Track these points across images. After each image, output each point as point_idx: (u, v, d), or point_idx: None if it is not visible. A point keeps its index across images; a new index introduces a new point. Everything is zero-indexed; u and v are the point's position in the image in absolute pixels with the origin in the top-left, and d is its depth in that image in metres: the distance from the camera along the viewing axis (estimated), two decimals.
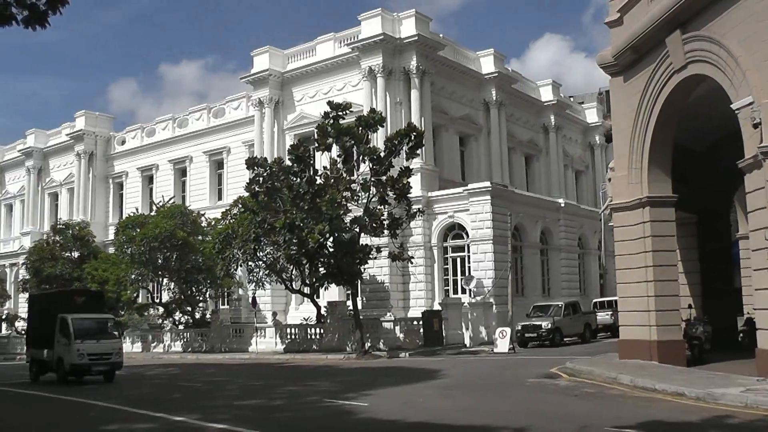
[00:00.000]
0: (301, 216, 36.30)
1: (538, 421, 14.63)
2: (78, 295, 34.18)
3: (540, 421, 14.65)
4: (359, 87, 49.13)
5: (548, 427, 13.93)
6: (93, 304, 32.60)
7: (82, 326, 28.98)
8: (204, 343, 48.02)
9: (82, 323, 29.14)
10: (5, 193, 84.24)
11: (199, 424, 15.81)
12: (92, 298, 34.56)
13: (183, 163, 64.54)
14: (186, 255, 48.43)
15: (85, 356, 28.06)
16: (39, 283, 58.36)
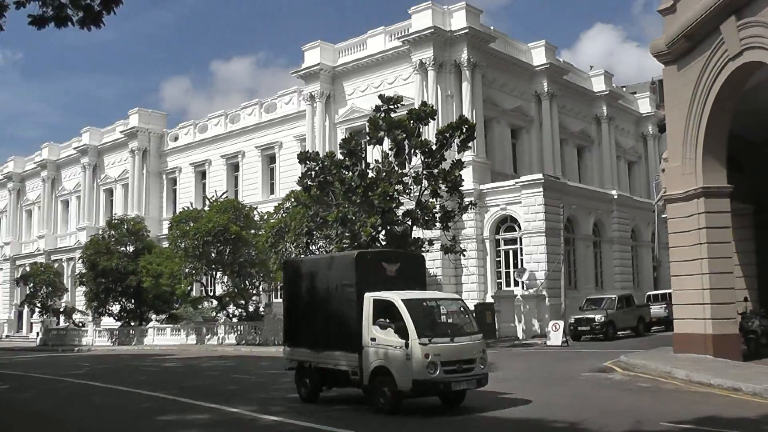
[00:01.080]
0: (354, 209, 36.37)
1: (593, 415, 14.53)
2: (388, 260, 19.17)
3: (594, 415, 14.55)
4: (410, 80, 49.10)
5: (603, 422, 13.80)
6: (411, 274, 19.08)
7: (422, 314, 16.99)
8: (257, 335, 48.34)
9: (421, 309, 17.12)
10: (62, 189, 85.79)
11: (254, 415, 15.96)
12: (409, 264, 19.87)
13: (235, 158, 65.10)
14: (239, 249, 48.80)
15: (438, 367, 15.67)
16: (95, 276, 59.30)
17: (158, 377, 28.71)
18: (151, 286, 54.44)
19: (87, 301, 61.98)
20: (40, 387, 26.97)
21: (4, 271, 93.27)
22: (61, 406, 20.33)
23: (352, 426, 13.94)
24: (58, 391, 25.41)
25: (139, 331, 58.91)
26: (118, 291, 59.81)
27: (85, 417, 17.74)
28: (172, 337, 55.33)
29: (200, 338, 52.67)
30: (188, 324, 55.03)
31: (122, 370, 33.26)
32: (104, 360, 42.46)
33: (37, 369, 36.17)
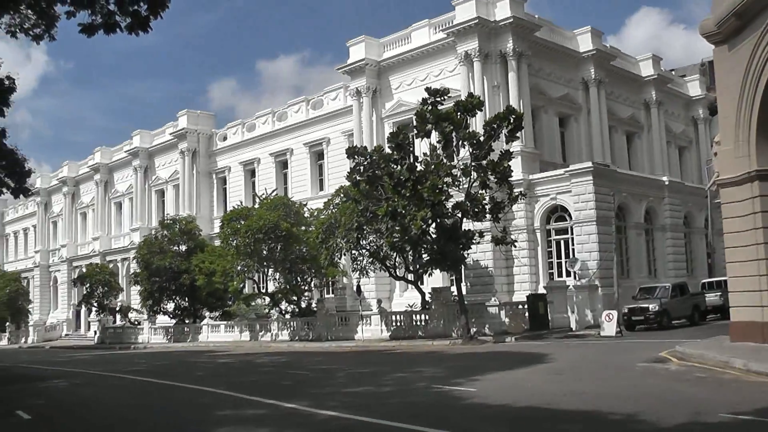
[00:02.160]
0: (403, 203, 36.39)
1: (650, 406, 14.34)
2: None
3: (651, 406, 14.36)
4: (456, 72, 48.94)
5: (660, 414, 13.58)
6: None
7: None
8: (310, 331, 48.59)
9: None
10: (114, 192, 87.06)
11: (310, 411, 16.02)
12: None
13: (284, 155, 65.44)
14: (290, 245, 49.06)
15: None
16: (149, 275, 60.19)
17: (214, 373, 29.02)
18: (204, 284, 55.07)
19: (142, 300, 62.90)
20: (100, 384, 27.47)
21: (61, 273, 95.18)
22: (121, 402, 20.68)
23: (409, 420, 13.94)
24: (117, 387, 25.85)
25: (193, 328, 59.60)
26: (172, 289, 60.65)
27: (145, 412, 18.03)
28: (226, 333, 55.88)
29: (254, 335, 53.07)
30: (242, 321, 55.53)
31: (178, 367, 33.66)
32: (160, 357, 43.02)
33: (97, 366, 36.85)
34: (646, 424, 12.74)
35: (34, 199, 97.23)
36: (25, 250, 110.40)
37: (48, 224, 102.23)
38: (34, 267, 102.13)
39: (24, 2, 20.63)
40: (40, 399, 22.89)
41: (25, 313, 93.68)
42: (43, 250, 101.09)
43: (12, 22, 22.49)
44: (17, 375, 35.17)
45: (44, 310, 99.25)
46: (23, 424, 17.41)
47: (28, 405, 20.12)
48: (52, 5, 20.20)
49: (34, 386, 28.27)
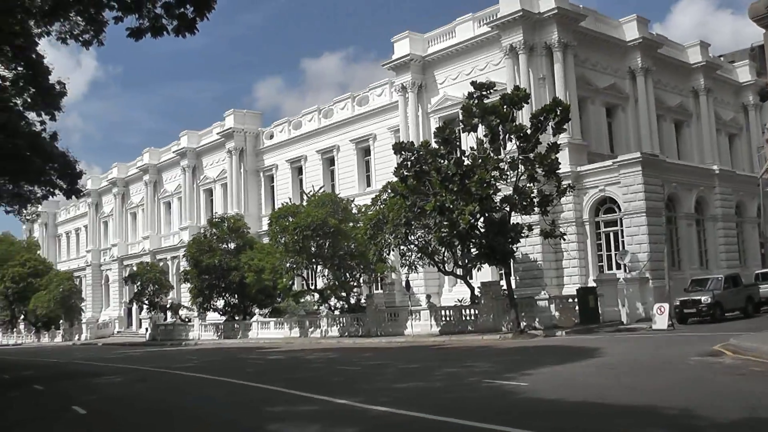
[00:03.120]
0: (451, 198, 36.32)
1: (705, 401, 14.14)
2: None
3: (707, 401, 14.15)
4: (501, 65, 48.67)
5: (716, 408, 13.37)
6: None
7: None
8: (360, 327, 48.72)
9: None
10: (163, 191, 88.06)
11: (361, 406, 16.05)
12: None
13: (330, 152, 65.62)
14: (338, 242, 49.18)
15: None
16: (199, 273, 60.75)
17: (264, 370, 29.19)
18: (253, 281, 55.42)
19: (192, 297, 63.47)
20: (153, 380, 27.84)
21: (112, 271, 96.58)
22: (174, 398, 20.91)
23: (461, 415, 13.91)
24: (169, 383, 26.15)
25: (243, 325, 60.05)
26: (222, 287, 61.13)
27: (197, 407, 18.22)
28: (275, 330, 56.26)
29: (303, 331, 53.34)
30: (291, 317, 55.86)
31: (229, 363, 33.95)
32: (211, 354, 43.44)
33: (148, 363, 37.37)
34: (701, 419, 12.56)
35: (86, 200, 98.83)
36: (77, 249, 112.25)
37: (99, 224, 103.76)
38: (86, 266, 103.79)
39: (73, 9, 20.97)
40: (94, 395, 23.31)
41: (77, 310, 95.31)
42: (95, 250, 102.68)
43: (62, 29, 22.91)
44: (72, 371, 35.78)
45: (96, 308, 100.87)
46: (79, 419, 17.72)
47: (83, 400, 20.50)
48: (101, 11, 20.52)
49: (89, 382, 28.78)
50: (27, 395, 25.28)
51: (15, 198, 36.63)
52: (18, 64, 28.63)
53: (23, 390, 27.34)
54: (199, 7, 17.74)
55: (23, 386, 28.90)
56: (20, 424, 17.55)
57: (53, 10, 21.11)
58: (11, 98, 30.65)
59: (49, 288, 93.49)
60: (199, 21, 18.03)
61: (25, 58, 27.90)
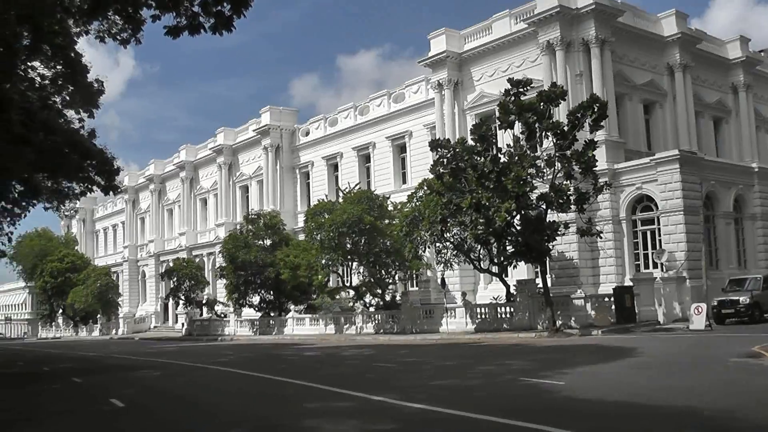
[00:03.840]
0: (487, 195, 36.20)
1: (745, 403, 13.92)
2: None
3: (747, 403, 13.92)
4: (538, 62, 48.38)
5: (756, 411, 13.17)
6: None
7: None
8: (395, 324, 48.74)
9: None
10: (200, 188, 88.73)
11: (398, 403, 16.00)
12: None
13: (366, 149, 65.74)
14: (374, 239, 49.23)
15: None
16: (234, 269, 61.13)
17: (300, 366, 29.28)
18: (289, 278, 55.64)
19: (228, 293, 63.86)
20: (189, 374, 28.02)
21: (149, 267, 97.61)
22: (209, 393, 21.03)
23: (497, 413, 13.84)
24: (205, 378, 26.32)
25: (278, 321, 60.35)
26: (257, 283, 61.50)
27: (234, 402, 18.25)
28: (311, 326, 56.48)
29: (338, 328, 53.49)
30: (326, 314, 56.04)
31: (265, 359, 34.06)
32: (247, 349, 43.63)
33: (185, 357, 37.62)
34: (740, 422, 12.40)
35: (123, 196, 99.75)
36: (114, 245, 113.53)
37: (136, 220, 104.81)
38: (123, 262, 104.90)
39: (111, 8, 21.17)
40: (132, 388, 23.49)
41: (115, 305, 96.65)
42: (132, 246, 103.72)
43: (101, 28, 23.15)
44: (110, 365, 36.21)
45: (133, 303, 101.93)
46: (117, 411, 17.87)
47: (121, 393, 20.68)
48: (138, 10, 20.68)
49: (126, 376, 29.08)
50: (66, 387, 25.58)
51: (54, 194, 37.14)
52: (57, 62, 29.02)
53: (62, 382, 27.65)
54: (236, 5, 17.81)
55: (62, 378, 29.23)
56: (60, 416, 17.75)
57: (92, 10, 21.31)
58: (50, 96, 31.10)
59: (86, 283, 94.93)
60: (236, 18, 18.11)
61: (64, 56, 28.27)
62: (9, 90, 25.21)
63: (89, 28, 25.06)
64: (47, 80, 29.89)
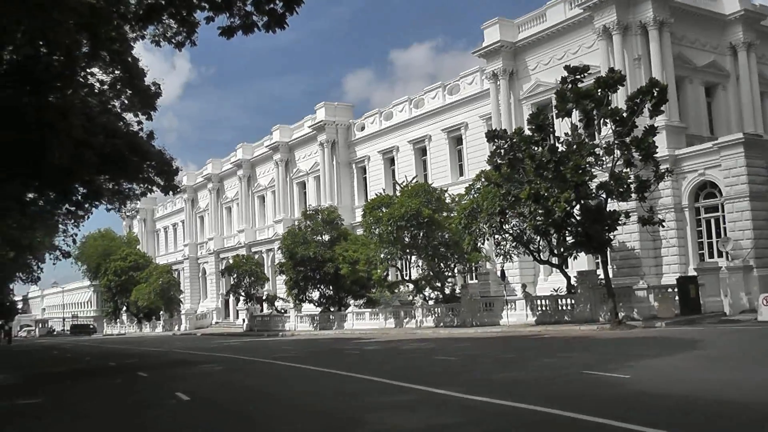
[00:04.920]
0: (546, 185, 35.75)
1: None
2: None
3: None
4: (594, 48, 47.65)
5: None
6: None
7: None
8: (455, 317, 48.52)
9: None
10: (257, 185, 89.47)
11: (461, 396, 15.80)
12: None
13: (422, 142, 65.55)
14: (432, 232, 49.02)
15: None
16: (294, 265, 61.44)
17: (361, 360, 29.19)
18: (348, 273, 55.77)
19: (287, 289, 64.19)
20: (251, 369, 28.16)
21: (209, 264, 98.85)
22: (272, 387, 21.02)
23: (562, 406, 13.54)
24: (268, 372, 26.40)
25: (338, 316, 60.50)
26: (317, 278, 61.73)
27: (296, 396, 18.25)
28: (370, 321, 56.50)
29: (398, 322, 53.41)
30: (386, 308, 56.02)
31: (325, 354, 34.11)
32: (307, 344, 43.77)
33: (246, 353, 37.91)
34: None
35: (182, 196, 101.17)
36: (174, 243, 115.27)
37: (195, 219, 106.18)
38: (183, 259, 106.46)
39: (166, 12, 21.36)
40: (196, 382, 23.78)
41: (176, 302, 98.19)
42: (192, 244, 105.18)
43: (156, 32, 23.42)
44: (174, 360, 36.66)
45: (194, 300, 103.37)
46: (183, 405, 18.02)
47: (186, 387, 20.87)
48: (192, 12, 20.81)
49: (190, 370, 29.40)
50: (132, 382, 26.06)
51: (115, 195, 37.84)
52: (115, 68, 29.46)
53: (128, 376, 28.21)
54: (288, 2, 17.84)
55: (128, 373, 29.82)
56: (128, 409, 18.08)
57: (147, 15, 21.54)
58: (110, 101, 31.65)
59: (149, 281, 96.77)
60: (289, 16, 18.12)
61: (121, 62, 28.68)
62: (70, 96, 25.69)
63: (145, 33, 25.41)
64: (106, 85, 30.38)
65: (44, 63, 22.57)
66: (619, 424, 11.66)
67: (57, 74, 23.11)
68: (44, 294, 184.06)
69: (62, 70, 23.21)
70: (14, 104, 23.26)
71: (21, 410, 19.91)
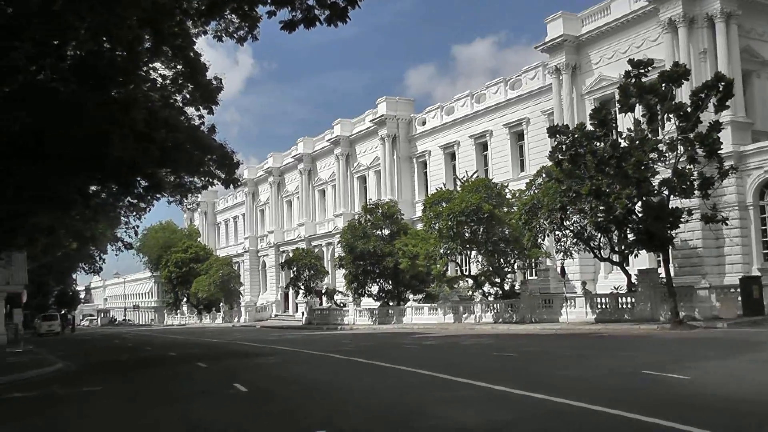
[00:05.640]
0: (607, 181, 35.40)
1: None
2: None
3: None
4: (659, 41, 46.91)
5: None
6: None
7: None
8: (514, 314, 48.29)
9: None
10: (318, 179, 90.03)
11: (518, 393, 15.72)
12: None
13: (483, 137, 65.27)
14: (492, 227, 48.86)
15: None
16: (353, 259, 61.78)
17: (419, 355, 29.20)
18: (407, 267, 55.86)
19: (347, 283, 64.57)
20: (310, 362, 28.37)
21: (269, 257, 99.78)
22: (331, 380, 21.14)
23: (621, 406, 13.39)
24: (326, 365, 26.54)
25: (397, 310, 60.61)
26: (376, 272, 62.01)
27: (355, 389, 18.33)
28: (429, 316, 56.51)
29: (457, 317, 53.34)
30: (445, 303, 55.98)
31: (384, 348, 34.14)
32: (366, 338, 43.92)
33: (305, 345, 38.25)
34: None
35: (243, 189, 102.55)
36: (235, 236, 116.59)
37: (256, 212, 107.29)
38: (243, 252, 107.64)
39: (228, 7, 21.59)
40: (254, 374, 24.03)
41: (236, 294, 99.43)
42: (252, 237, 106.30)
43: (218, 27, 23.71)
44: (233, 351, 37.12)
45: (254, 292, 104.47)
46: (240, 395, 18.24)
47: (244, 379, 21.16)
48: (254, 7, 21.00)
49: (249, 362, 29.72)
50: (192, 371, 26.47)
51: (176, 188, 38.36)
52: (177, 62, 29.82)
53: (189, 366, 28.64)
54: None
55: (188, 363, 30.25)
56: (188, 398, 18.36)
57: (209, 10, 21.81)
58: (171, 95, 32.06)
59: (209, 273, 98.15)
60: (351, 9, 18.16)
61: (183, 57, 29.02)
62: (132, 91, 26.04)
63: (207, 29, 25.70)
64: (168, 80, 30.73)
65: (107, 58, 22.87)
66: (678, 426, 11.51)
67: (120, 69, 23.43)
68: (106, 284, 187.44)
69: (125, 65, 23.53)
70: (78, 100, 23.69)
71: (84, 396, 20.42)
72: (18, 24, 19.36)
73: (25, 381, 25.56)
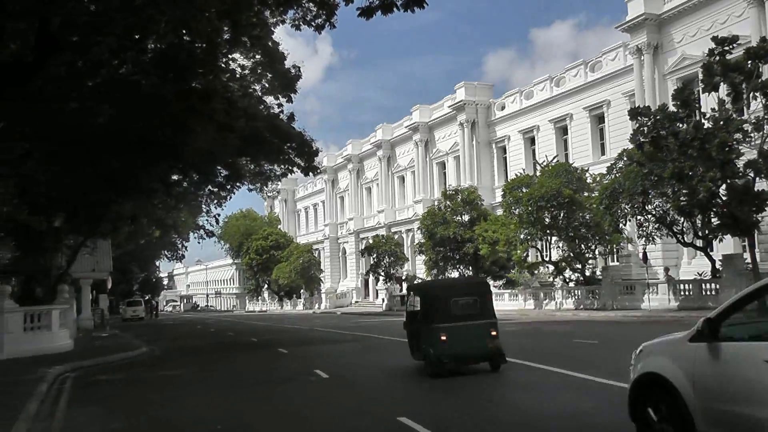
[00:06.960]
0: (690, 164, 34.59)
1: None
2: None
3: None
4: (744, 17, 45.40)
5: None
6: None
7: None
8: (595, 300, 47.69)
9: None
10: (397, 166, 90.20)
11: (601, 381, 15.46)
12: None
13: (563, 121, 64.44)
14: (573, 212, 48.22)
15: None
16: (433, 245, 61.73)
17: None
18: (487, 253, 55.59)
19: (427, 269, 64.53)
20: (390, 348, 28.01)
21: (349, 244, 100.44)
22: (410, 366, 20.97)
23: None
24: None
25: None
26: (456, 258, 61.80)
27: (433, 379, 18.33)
28: (509, 302, 56.21)
29: (538, 303, 52.96)
30: (525, 289, 55.56)
31: None
32: None
33: (386, 332, 38.04)
34: None
35: (322, 176, 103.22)
36: (315, 223, 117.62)
37: (335, 199, 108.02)
38: (323, 239, 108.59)
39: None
40: (334, 360, 24.10)
41: (317, 281, 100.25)
42: (332, 224, 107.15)
43: (296, 16, 23.86)
44: (314, 338, 37.57)
45: (334, 279, 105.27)
46: (321, 381, 18.46)
47: (324, 365, 21.28)
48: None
49: (329, 348, 30.06)
50: (273, 357, 26.72)
51: (257, 176, 38.92)
52: (256, 52, 30.19)
53: (270, 352, 28.90)
54: None
55: (269, 349, 30.49)
56: (270, 384, 18.56)
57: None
58: (250, 85, 32.46)
59: (289, 260, 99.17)
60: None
61: (262, 46, 29.36)
62: (212, 82, 26.40)
63: (285, 18, 25.92)
64: (247, 70, 31.17)
65: (187, 51, 23.24)
66: None
67: (199, 61, 23.78)
68: (188, 271, 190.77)
69: (204, 56, 23.86)
70: (159, 92, 24.11)
71: (168, 380, 20.93)
72: (100, 20, 19.73)
73: (111, 364, 26.24)
